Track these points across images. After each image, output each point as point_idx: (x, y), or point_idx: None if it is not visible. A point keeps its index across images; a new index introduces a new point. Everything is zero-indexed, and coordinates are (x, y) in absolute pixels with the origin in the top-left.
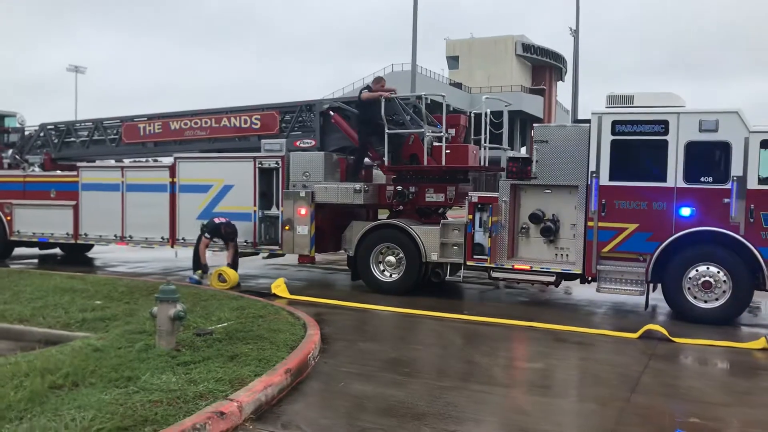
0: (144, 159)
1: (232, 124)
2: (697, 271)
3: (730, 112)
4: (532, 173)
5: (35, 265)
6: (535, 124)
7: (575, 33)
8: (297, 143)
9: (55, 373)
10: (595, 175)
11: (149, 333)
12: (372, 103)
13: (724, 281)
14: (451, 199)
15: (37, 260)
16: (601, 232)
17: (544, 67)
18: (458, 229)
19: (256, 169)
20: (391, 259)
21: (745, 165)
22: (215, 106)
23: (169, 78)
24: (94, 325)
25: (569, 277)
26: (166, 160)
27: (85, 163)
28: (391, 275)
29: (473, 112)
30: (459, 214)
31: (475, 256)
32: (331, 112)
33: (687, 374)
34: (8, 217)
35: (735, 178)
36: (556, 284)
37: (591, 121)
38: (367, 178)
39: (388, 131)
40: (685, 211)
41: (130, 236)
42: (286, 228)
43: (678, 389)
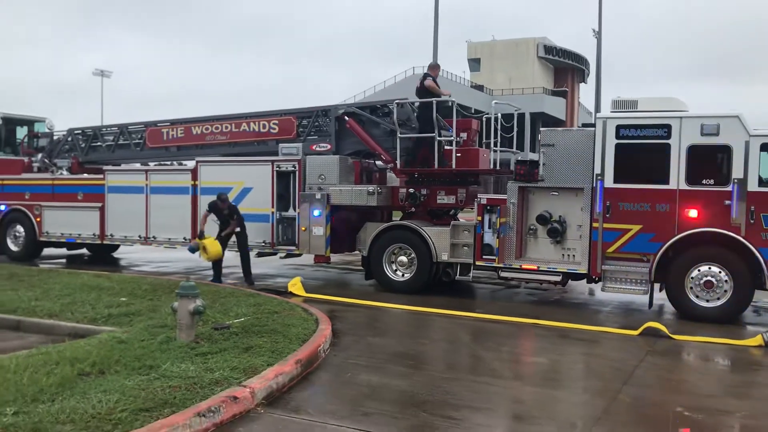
0: (167, 162)
1: (252, 129)
2: (699, 271)
3: (731, 116)
4: (539, 176)
5: (63, 265)
6: (542, 128)
7: (598, 34)
8: (313, 147)
9: (83, 362)
10: (600, 177)
11: (170, 327)
12: (431, 94)
13: (726, 281)
14: (462, 201)
15: (65, 260)
16: (605, 233)
17: (566, 68)
18: (468, 230)
19: (274, 172)
20: (403, 259)
21: (746, 168)
22: (238, 111)
23: (196, 82)
24: (119, 320)
25: (575, 276)
26: (188, 164)
27: (110, 167)
28: (403, 275)
29: (485, 117)
30: (470, 216)
31: (484, 257)
32: (346, 117)
33: (681, 368)
34: (38, 219)
35: (736, 181)
36: (563, 284)
37: (596, 125)
38: (381, 181)
39: (400, 135)
40: (688, 213)
41: (154, 237)
42: (303, 229)
43: (670, 382)
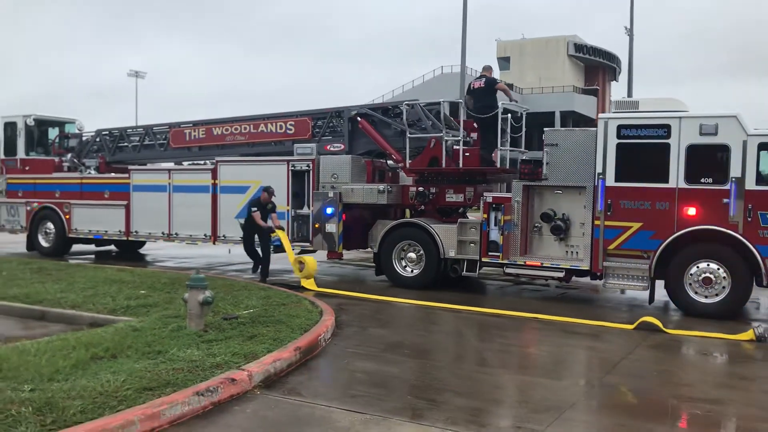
0: (201, 162)
1: (269, 130)
2: (697, 267)
3: (729, 117)
4: (542, 175)
5: (91, 261)
6: (546, 129)
7: (630, 32)
8: (327, 147)
9: (98, 347)
10: (601, 176)
11: (183, 317)
12: (490, 94)
13: (724, 277)
14: (470, 200)
15: (93, 256)
16: (607, 231)
17: (597, 67)
18: (474, 227)
19: (289, 172)
20: (412, 255)
21: (744, 166)
22: (274, 111)
23: (232, 83)
24: (137, 311)
25: (578, 273)
26: (208, 164)
27: (135, 166)
28: (412, 270)
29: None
30: (479, 214)
31: (490, 253)
32: (359, 118)
33: (667, 360)
34: (67, 216)
35: (734, 179)
36: (567, 280)
37: (598, 125)
38: (393, 180)
39: (409, 135)
40: (687, 211)
41: (176, 233)
42: (316, 226)
43: (652, 372)
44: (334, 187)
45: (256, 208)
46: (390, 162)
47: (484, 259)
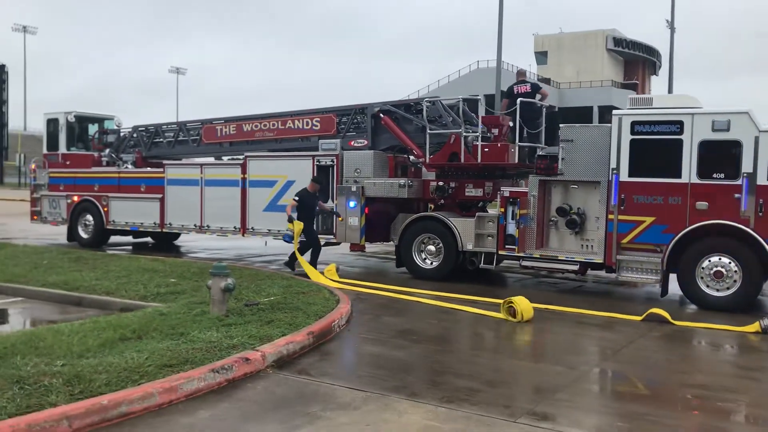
0: (228, 157)
1: (296, 126)
2: (709, 261)
3: (741, 113)
4: (558, 170)
5: (128, 252)
6: (561, 125)
7: (671, 25)
8: (351, 143)
9: (125, 329)
10: (615, 171)
11: (207, 303)
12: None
13: (735, 271)
14: (489, 194)
15: (131, 247)
16: (620, 225)
17: (636, 61)
18: (492, 221)
19: (315, 166)
20: (431, 248)
21: (755, 162)
22: (313, 107)
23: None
24: (166, 298)
25: (593, 266)
26: (239, 158)
27: (170, 161)
28: (431, 263)
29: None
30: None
31: (507, 246)
32: (381, 115)
33: (667, 350)
34: (105, 209)
35: (745, 175)
36: (582, 273)
37: (612, 121)
38: (416, 175)
39: (429, 131)
40: (699, 206)
41: (208, 226)
42: (340, 219)
43: (649, 360)
44: (357, 181)
45: (303, 202)
46: (412, 157)
47: (501, 252)
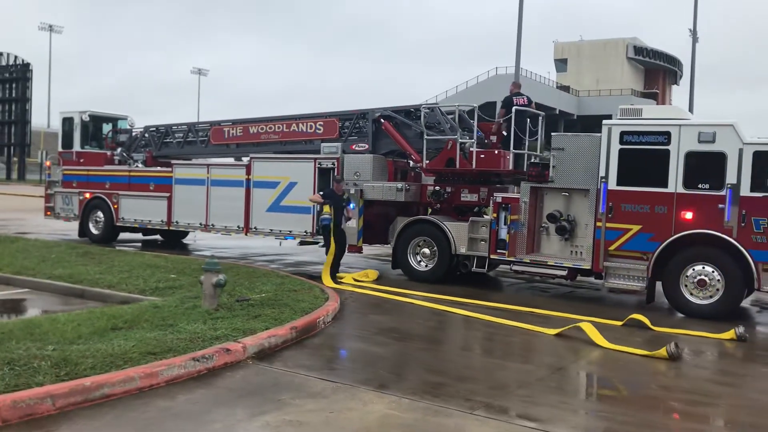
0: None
1: (300, 129)
2: (693, 269)
3: (726, 125)
4: (549, 177)
5: (137, 248)
6: (552, 134)
7: (693, 34)
8: (353, 147)
9: (118, 319)
10: (604, 179)
11: (200, 298)
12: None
13: (718, 280)
14: (483, 199)
15: (140, 244)
16: (608, 232)
17: (657, 70)
18: (485, 225)
19: (316, 169)
20: (426, 251)
21: (739, 174)
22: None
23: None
24: (164, 292)
25: (582, 272)
26: (244, 160)
27: (178, 161)
28: (426, 265)
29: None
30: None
31: (498, 251)
32: (382, 120)
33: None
34: (115, 206)
35: (730, 186)
36: (571, 278)
37: (602, 130)
38: (416, 179)
39: (426, 137)
40: (684, 215)
41: (213, 224)
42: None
43: (618, 362)
44: (356, 184)
45: (329, 200)
46: (410, 162)
47: (492, 257)
